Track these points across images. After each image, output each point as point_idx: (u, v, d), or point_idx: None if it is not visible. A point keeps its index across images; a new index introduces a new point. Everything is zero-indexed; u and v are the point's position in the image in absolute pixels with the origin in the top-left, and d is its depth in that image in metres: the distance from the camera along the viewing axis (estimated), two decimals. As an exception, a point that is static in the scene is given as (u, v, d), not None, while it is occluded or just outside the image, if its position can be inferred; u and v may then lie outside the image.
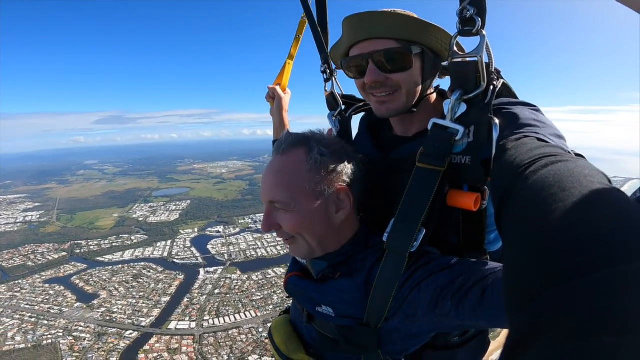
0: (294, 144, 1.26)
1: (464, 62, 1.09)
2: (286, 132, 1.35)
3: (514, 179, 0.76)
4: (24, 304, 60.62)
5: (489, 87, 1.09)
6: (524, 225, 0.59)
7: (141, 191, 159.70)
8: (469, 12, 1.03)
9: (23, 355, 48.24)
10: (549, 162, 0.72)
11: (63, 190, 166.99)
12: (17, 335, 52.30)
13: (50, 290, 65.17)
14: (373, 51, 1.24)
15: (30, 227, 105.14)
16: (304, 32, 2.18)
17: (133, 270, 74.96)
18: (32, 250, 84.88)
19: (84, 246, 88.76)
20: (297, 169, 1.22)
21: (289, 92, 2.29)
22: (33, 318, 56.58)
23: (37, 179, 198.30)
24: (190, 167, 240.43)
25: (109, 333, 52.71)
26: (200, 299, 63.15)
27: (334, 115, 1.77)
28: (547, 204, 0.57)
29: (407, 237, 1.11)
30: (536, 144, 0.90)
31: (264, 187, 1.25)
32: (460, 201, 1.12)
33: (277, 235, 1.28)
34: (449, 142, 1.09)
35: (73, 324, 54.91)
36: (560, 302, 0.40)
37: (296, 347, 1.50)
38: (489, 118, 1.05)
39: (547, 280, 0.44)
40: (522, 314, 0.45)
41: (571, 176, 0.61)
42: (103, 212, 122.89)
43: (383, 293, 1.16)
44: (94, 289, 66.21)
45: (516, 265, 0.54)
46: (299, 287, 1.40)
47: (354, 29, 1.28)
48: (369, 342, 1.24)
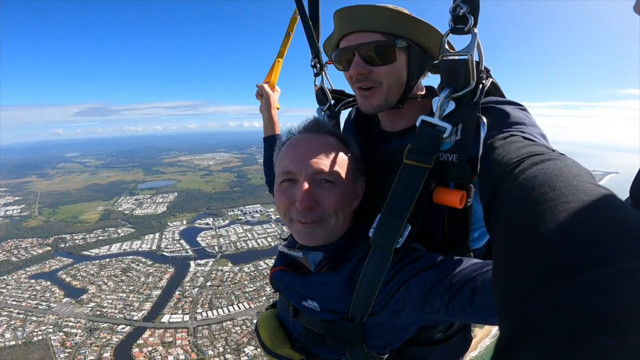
0: (328, 129, 1.32)
1: (454, 60, 1.09)
2: (314, 117, 1.40)
3: (503, 177, 0.76)
4: (11, 300, 59.02)
5: (478, 86, 1.09)
6: (514, 225, 0.58)
7: (126, 184, 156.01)
8: (462, 10, 1.03)
9: (14, 352, 46.71)
10: (538, 160, 0.71)
11: (44, 183, 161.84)
12: (6, 332, 50.70)
13: (36, 286, 63.57)
14: (359, 43, 1.25)
15: (11, 222, 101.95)
16: (294, 30, 2.15)
17: (121, 264, 73.71)
18: (15, 245, 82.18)
19: (69, 240, 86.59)
20: (340, 148, 1.26)
21: (278, 89, 2.26)
22: (21, 314, 54.97)
23: (15, 172, 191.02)
24: (176, 159, 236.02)
25: (100, 328, 51.66)
26: (192, 292, 62.59)
27: (323, 109, 1.79)
28: (537, 203, 0.56)
29: (392, 233, 1.11)
30: (524, 143, 0.90)
31: (308, 156, 1.20)
32: (446, 198, 1.12)
33: (302, 216, 1.19)
34: (436, 140, 1.10)
35: (63, 319, 53.73)
36: (554, 302, 0.39)
37: (281, 342, 1.51)
38: (477, 117, 1.06)
39: (540, 281, 0.43)
40: (515, 314, 0.44)
41: (560, 175, 0.60)
42: (87, 206, 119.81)
43: (368, 288, 1.16)
44: (82, 283, 64.82)
45: (507, 265, 0.53)
46: (285, 282, 1.39)
47: (343, 21, 1.29)
48: (353, 337, 1.25)
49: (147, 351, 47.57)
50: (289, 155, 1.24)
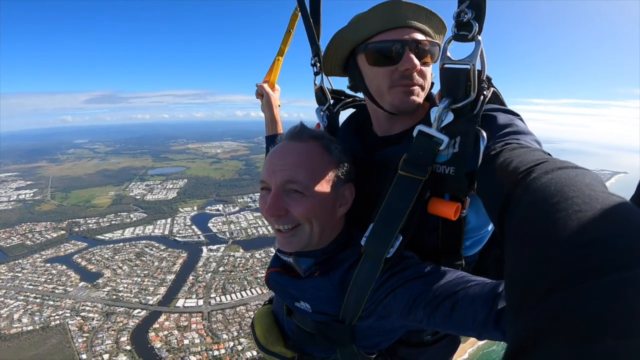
0: (311, 135, 1.23)
1: (455, 69, 1.03)
2: (300, 122, 1.31)
3: (514, 185, 0.74)
4: (27, 284, 58.09)
5: (479, 98, 1.03)
6: (528, 233, 0.58)
7: (136, 169, 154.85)
8: (467, 16, 0.98)
9: (32, 337, 45.72)
10: (549, 169, 0.69)
11: (55, 168, 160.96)
12: (23, 317, 49.88)
13: (52, 270, 62.75)
14: (414, 39, 1.17)
15: (25, 206, 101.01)
16: (295, 27, 2.07)
17: (135, 248, 72.73)
18: (29, 229, 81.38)
19: (83, 224, 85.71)
20: (319, 156, 1.19)
21: (278, 88, 2.20)
22: (38, 299, 54.17)
23: (26, 157, 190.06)
24: (184, 146, 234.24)
25: (117, 312, 50.72)
26: (206, 277, 61.59)
27: (322, 110, 1.71)
28: (550, 212, 0.55)
29: (384, 243, 1.08)
30: (524, 150, 0.87)
31: (279, 166, 1.15)
32: (441, 210, 1.08)
33: (276, 223, 1.17)
34: (432, 152, 1.05)
35: (80, 303, 52.84)
36: (566, 305, 0.39)
37: (275, 339, 1.52)
38: (476, 130, 1.01)
39: (553, 285, 0.43)
40: (527, 317, 0.44)
41: (573, 184, 0.60)
42: (98, 190, 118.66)
43: (358, 294, 1.15)
44: (97, 267, 63.88)
45: (521, 270, 0.53)
46: (279, 283, 1.38)
47: (392, 14, 1.17)
48: (343, 337, 1.25)
49: (163, 335, 46.61)
50: (266, 164, 1.21)
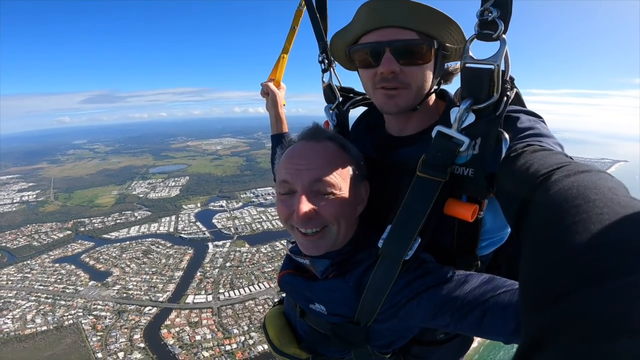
0: (327, 135, 1.21)
1: (477, 69, 0.98)
2: (314, 123, 1.29)
3: (534, 187, 0.72)
4: (37, 284, 57.59)
5: (502, 99, 0.99)
6: (548, 234, 0.58)
7: (137, 168, 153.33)
8: (492, 15, 0.93)
9: (47, 337, 45.33)
10: (570, 172, 0.68)
11: (56, 169, 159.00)
12: (36, 318, 49.39)
13: (61, 270, 62.23)
14: (393, 39, 1.10)
15: (29, 207, 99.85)
16: (300, 23, 2.03)
17: (142, 246, 72.14)
18: (35, 230, 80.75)
19: (88, 224, 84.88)
20: (339, 155, 1.17)
21: (283, 86, 2.14)
22: (49, 299, 53.74)
23: (26, 159, 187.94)
24: (184, 144, 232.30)
25: (128, 310, 50.31)
26: (213, 272, 61.22)
27: (331, 108, 1.65)
28: (571, 214, 0.55)
29: (402, 245, 1.06)
30: (546, 152, 0.85)
31: (304, 166, 1.11)
32: (458, 211, 1.05)
33: (303, 227, 1.12)
34: (452, 153, 1.02)
35: (91, 302, 52.34)
36: (583, 305, 0.39)
37: (288, 341, 1.49)
38: (499, 132, 0.98)
39: (571, 286, 0.43)
40: (543, 315, 0.44)
41: (595, 188, 0.59)
42: (101, 190, 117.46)
43: (375, 296, 1.12)
44: (106, 266, 63.30)
45: (539, 269, 0.53)
46: (293, 285, 1.36)
47: (374, 13, 1.12)
48: (358, 338, 1.23)
49: (175, 332, 46.24)
50: (286, 166, 1.16)
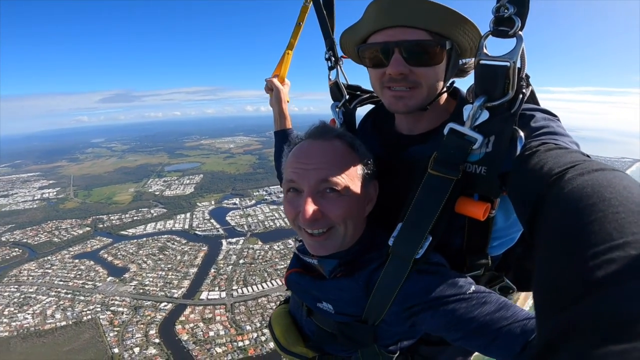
0: (335, 134, 1.18)
1: (493, 65, 0.96)
2: (321, 121, 1.27)
3: (548, 186, 0.71)
4: (57, 280, 58.79)
5: (517, 96, 0.96)
6: (563, 234, 0.57)
7: (153, 166, 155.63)
8: (508, 11, 0.90)
9: (66, 332, 46.14)
10: (585, 170, 0.67)
11: (75, 167, 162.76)
12: (56, 313, 50.48)
13: (81, 266, 63.32)
14: (402, 40, 1.08)
15: (49, 204, 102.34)
16: (305, 20, 1.98)
17: (158, 243, 72.84)
18: (55, 227, 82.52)
19: (106, 221, 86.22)
20: (347, 154, 1.14)
21: (288, 83, 2.11)
22: (69, 294, 54.72)
23: (46, 157, 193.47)
24: (197, 142, 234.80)
25: (144, 306, 50.87)
26: (227, 269, 61.41)
27: (338, 106, 1.62)
28: (586, 213, 0.54)
29: (413, 244, 1.04)
30: (561, 151, 0.82)
31: (311, 166, 1.09)
32: (469, 210, 1.03)
33: (310, 227, 1.10)
34: (465, 151, 1.00)
35: (109, 298, 53.13)
36: (598, 307, 0.38)
37: (295, 340, 1.47)
38: (513, 130, 0.95)
39: (589, 286, 0.42)
40: (560, 317, 0.43)
41: (610, 186, 0.58)
42: (119, 188, 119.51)
43: (384, 295, 1.11)
44: (123, 262, 64.17)
45: (555, 271, 0.52)
46: (301, 284, 1.35)
47: (383, 12, 1.09)
48: (365, 337, 1.22)
49: (189, 327, 46.50)
50: (293, 165, 1.13)
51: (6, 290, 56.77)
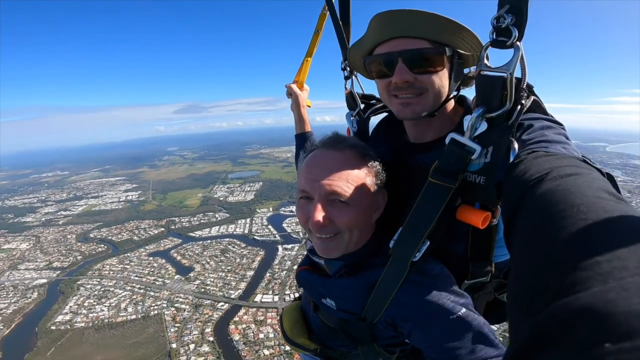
0: (348, 144, 1.22)
1: (490, 76, 0.96)
2: (335, 132, 1.31)
3: (524, 193, 0.72)
4: (133, 275, 62.21)
5: (515, 108, 0.97)
6: (533, 241, 0.57)
7: (218, 174, 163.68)
8: (506, 21, 0.90)
9: (134, 325, 48.63)
10: (558, 175, 0.68)
11: (154, 173, 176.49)
12: (129, 307, 53.08)
13: (154, 263, 66.60)
14: (404, 49, 1.12)
15: (132, 206, 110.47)
16: (323, 28, 2.02)
17: (220, 245, 75.26)
18: (135, 226, 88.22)
19: (178, 222, 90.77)
20: (358, 165, 1.18)
21: (306, 88, 2.26)
22: (142, 289, 57.49)
23: (131, 164, 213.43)
24: (257, 152, 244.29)
25: (204, 304, 52.56)
26: (281, 274, 61.57)
27: (352, 115, 1.69)
28: (555, 220, 0.54)
29: (411, 247, 1.08)
30: (546, 158, 0.83)
31: (322, 177, 1.14)
32: (469, 217, 1.06)
33: (318, 233, 1.17)
34: (464, 161, 1.02)
35: (174, 295, 55.22)
36: (570, 311, 0.39)
37: (300, 332, 1.59)
38: (509, 141, 0.96)
39: (558, 292, 0.43)
40: (532, 322, 0.44)
41: (579, 192, 0.58)
42: (189, 193, 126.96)
43: (383, 294, 1.16)
44: (190, 262, 66.79)
45: (525, 278, 0.53)
46: (308, 281, 1.43)
47: (385, 26, 1.14)
48: (364, 335, 1.27)
49: (241, 328, 47.19)
50: (305, 174, 1.19)
51: (89, 282, 60.60)
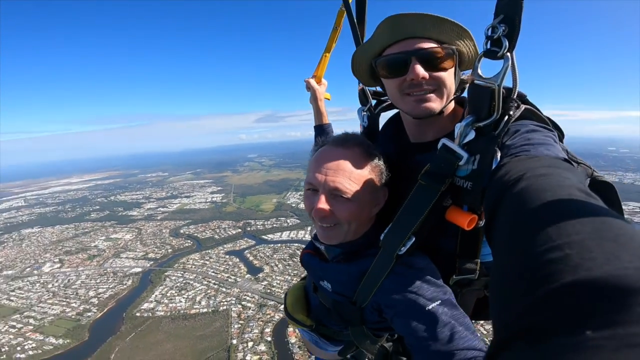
0: (355, 142, 1.29)
1: (480, 87, 0.99)
2: (345, 132, 1.39)
3: (502, 194, 0.74)
4: (211, 271, 65.00)
5: (503, 118, 1.00)
6: (508, 240, 0.59)
7: (292, 181, 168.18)
8: (498, 32, 0.92)
9: (204, 319, 50.48)
10: (532, 175, 0.70)
11: (235, 177, 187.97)
12: (203, 300, 55.36)
13: (229, 261, 69.27)
14: (418, 48, 1.15)
15: (215, 206, 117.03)
16: (342, 24, 2.04)
17: (289, 249, 76.13)
18: (217, 226, 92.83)
19: (253, 225, 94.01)
20: (362, 162, 1.25)
21: (324, 82, 2.34)
22: (216, 285, 59.79)
23: (217, 168, 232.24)
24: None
25: (268, 305, 53.43)
26: (343, 283, 60.34)
27: (364, 110, 1.75)
28: (528, 218, 0.57)
29: (397, 241, 1.15)
30: (532, 160, 0.84)
31: (327, 173, 1.22)
32: (456, 219, 1.10)
33: (320, 222, 1.27)
34: (452, 166, 1.06)
35: (243, 293, 57.00)
36: (546, 304, 0.41)
37: (299, 309, 1.73)
38: (494, 150, 0.99)
39: (532, 285, 0.44)
40: (503, 318, 0.47)
41: (550, 190, 0.60)
42: (265, 197, 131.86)
43: (371, 282, 1.23)
44: (260, 263, 68.61)
45: (502, 275, 0.54)
46: (310, 263, 1.54)
47: (397, 27, 1.17)
48: (353, 317, 1.37)
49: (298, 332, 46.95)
50: (313, 168, 1.27)
51: (174, 274, 63.85)
